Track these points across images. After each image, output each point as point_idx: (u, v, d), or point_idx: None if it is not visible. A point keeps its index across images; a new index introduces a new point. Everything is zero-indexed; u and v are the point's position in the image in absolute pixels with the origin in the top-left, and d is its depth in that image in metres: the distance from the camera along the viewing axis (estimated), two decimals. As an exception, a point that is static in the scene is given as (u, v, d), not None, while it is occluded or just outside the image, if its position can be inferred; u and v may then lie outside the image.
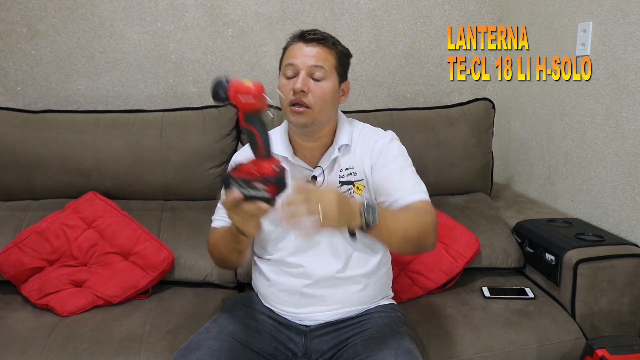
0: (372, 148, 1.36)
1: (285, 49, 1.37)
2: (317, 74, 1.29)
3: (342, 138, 1.37)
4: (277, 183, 1.06)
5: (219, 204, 1.45)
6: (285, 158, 1.36)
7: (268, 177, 1.05)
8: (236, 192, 1.06)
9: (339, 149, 1.36)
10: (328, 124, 1.37)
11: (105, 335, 1.49)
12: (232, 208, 1.09)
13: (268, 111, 1.05)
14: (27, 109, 2.05)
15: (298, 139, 1.38)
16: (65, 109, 2.16)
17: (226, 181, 1.07)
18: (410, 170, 1.36)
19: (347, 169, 1.36)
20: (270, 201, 1.07)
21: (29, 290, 1.66)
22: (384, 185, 1.33)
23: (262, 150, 1.06)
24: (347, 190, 1.35)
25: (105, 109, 2.20)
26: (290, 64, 1.30)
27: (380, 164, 1.34)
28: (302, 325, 1.37)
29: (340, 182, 1.35)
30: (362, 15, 2.33)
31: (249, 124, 1.03)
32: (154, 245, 1.76)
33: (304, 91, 1.27)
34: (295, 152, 1.38)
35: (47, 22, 2.15)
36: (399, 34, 2.37)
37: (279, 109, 1.36)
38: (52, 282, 1.65)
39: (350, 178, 1.36)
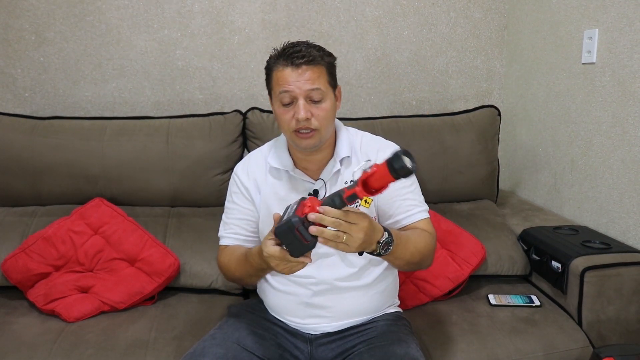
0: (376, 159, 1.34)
1: (270, 69, 1.29)
2: (316, 96, 1.24)
3: (342, 150, 1.35)
4: None
5: (224, 218, 1.45)
6: (287, 171, 1.35)
7: None
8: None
9: (341, 162, 1.34)
10: (331, 136, 1.35)
11: (110, 341, 1.49)
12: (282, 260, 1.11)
13: None
14: (34, 115, 2.07)
15: (298, 153, 1.35)
16: (73, 115, 2.18)
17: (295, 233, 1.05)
18: (413, 187, 1.36)
19: (352, 181, 1.34)
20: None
21: (35, 295, 1.67)
22: (387, 208, 1.34)
23: None
24: (354, 204, 1.33)
25: (111, 115, 2.22)
26: (286, 91, 1.24)
27: None
28: (307, 333, 1.37)
29: None
30: (368, 22, 2.33)
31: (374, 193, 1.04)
32: (159, 252, 1.76)
33: (308, 118, 1.24)
34: (295, 164, 1.36)
35: (55, 30, 2.16)
36: (404, 41, 2.37)
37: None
38: (58, 287, 1.66)
39: None
